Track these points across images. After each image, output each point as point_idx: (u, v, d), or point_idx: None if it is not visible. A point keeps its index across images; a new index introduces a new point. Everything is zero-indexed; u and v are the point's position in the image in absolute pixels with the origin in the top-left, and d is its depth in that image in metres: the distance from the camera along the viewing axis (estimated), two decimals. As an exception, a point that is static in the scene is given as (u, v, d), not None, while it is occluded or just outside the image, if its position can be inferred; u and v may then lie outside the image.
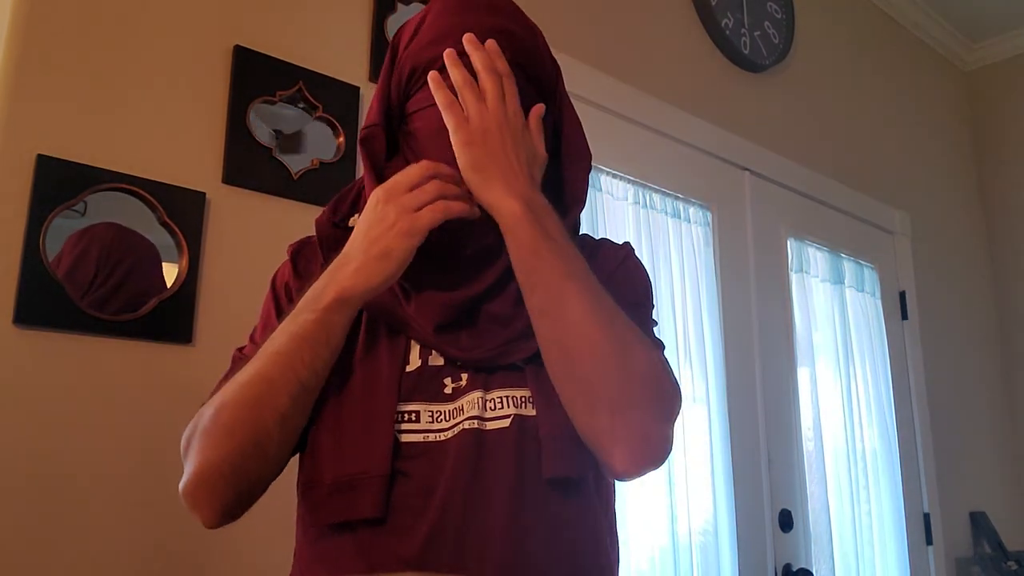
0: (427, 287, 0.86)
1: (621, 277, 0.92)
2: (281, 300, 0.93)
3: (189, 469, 0.81)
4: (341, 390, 0.84)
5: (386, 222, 0.80)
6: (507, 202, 0.81)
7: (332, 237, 0.92)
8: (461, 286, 0.86)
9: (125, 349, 1.32)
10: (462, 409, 0.82)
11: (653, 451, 0.79)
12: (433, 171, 0.82)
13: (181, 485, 0.82)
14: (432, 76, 0.85)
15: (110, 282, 1.31)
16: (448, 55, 0.85)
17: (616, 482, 0.90)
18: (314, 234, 0.94)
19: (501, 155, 0.82)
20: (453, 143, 0.83)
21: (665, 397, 0.80)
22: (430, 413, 0.83)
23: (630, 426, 0.78)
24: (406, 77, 0.89)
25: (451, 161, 0.84)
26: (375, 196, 0.82)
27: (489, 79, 0.84)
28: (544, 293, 0.80)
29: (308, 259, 0.94)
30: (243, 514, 0.85)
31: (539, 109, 0.88)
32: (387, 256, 0.80)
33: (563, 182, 0.92)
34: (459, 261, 0.87)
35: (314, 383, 0.81)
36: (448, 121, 0.84)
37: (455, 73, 0.84)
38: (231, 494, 0.80)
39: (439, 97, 0.84)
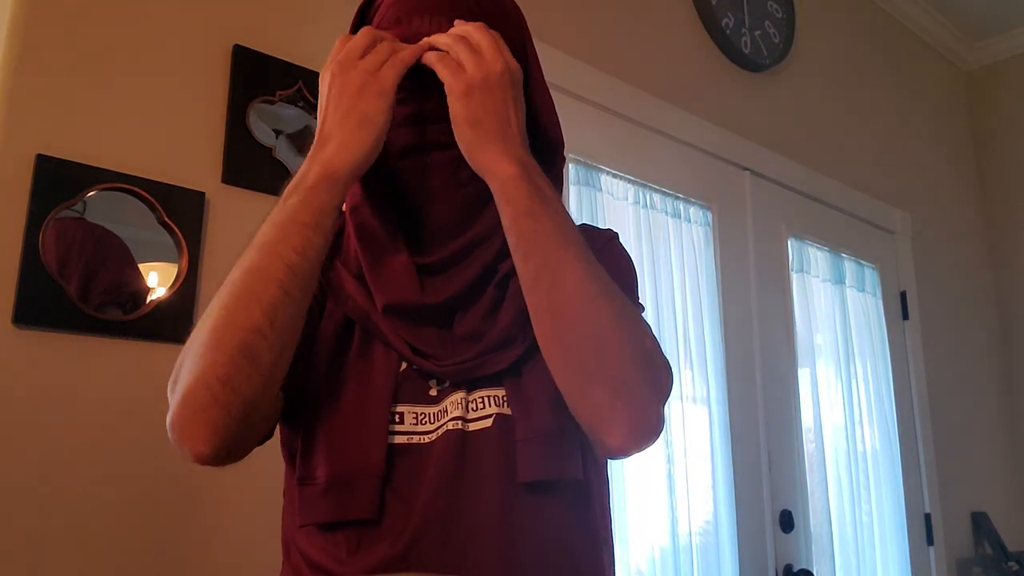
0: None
1: (604, 260, 0.88)
2: None
3: (175, 396, 0.73)
4: (336, 389, 0.83)
5: (352, 89, 0.77)
6: (503, 165, 0.77)
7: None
8: (427, 291, 0.84)
9: (125, 349, 1.32)
10: (446, 411, 0.82)
11: (650, 427, 0.76)
12: (375, 34, 0.79)
13: (168, 417, 0.72)
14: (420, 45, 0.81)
15: (74, 280, 1.29)
16: (432, 35, 0.80)
17: (608, 468, 0.89)
18: None
19: (501, 108, 0.78)
20: (448, 95, 0.78)
21: (660, 373, 0.78)
22: (414, 415, 0.82)
23: (628, 402, 0.75)
24: None
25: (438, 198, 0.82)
26: (329, 72, 0.79)
27: (482, 34, 0.79)
28: (540, 259, 0.76)
29: None
30: (238, 452, 0.76)
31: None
32: (366, 121, 0.77)
33: None
34: (424, 267, 0.85)
35: (306, 271, 0.75)
36: (442, 74, 0.78)
37: (442, 37, 0.79)
38: (223, 417, 0.71)
39: (428, 57, 0.79)
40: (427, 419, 0.82)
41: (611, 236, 0.95)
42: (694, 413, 2.24)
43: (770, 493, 2.39)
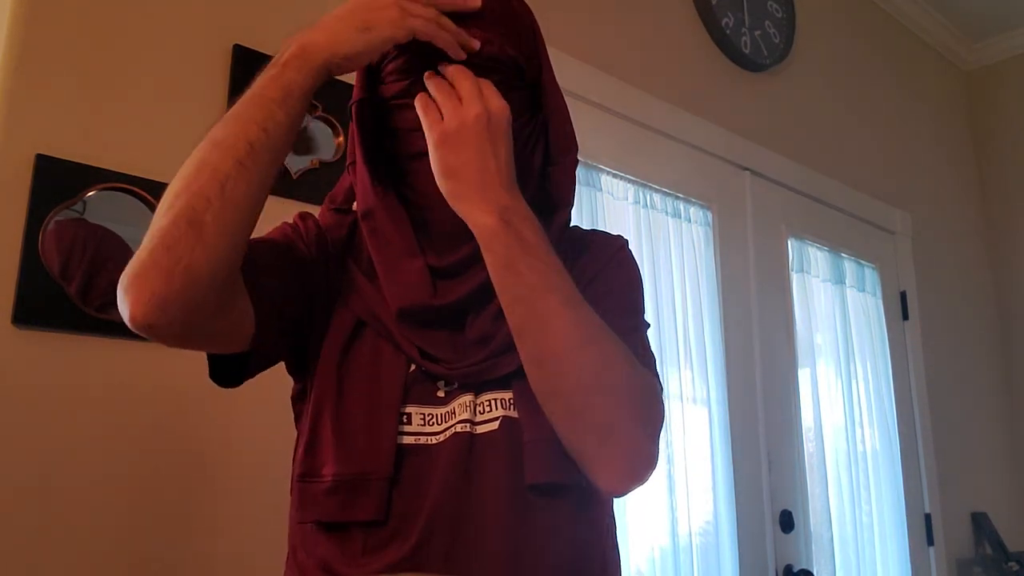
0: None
1: (612, 272, 0.89)
2: (297, 230, 0.89)
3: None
4: (345, 388, 0.83)
5: (378, 4, 0.77)
6: (480, 216, 0.77)
7: (336, 222, 0.90)
8: (439, 293, 0.84)
9: (125, 349, 1.32)
10: (454, 412, 0.82)
11: (639, 471, 0.77)
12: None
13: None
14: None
15: (77, 280, 1.29)
16: (427, 75, 0.81)
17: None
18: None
19: (475, 155, 0.77)
20: (428, 146, 0.79)
21: (650, 417, 0.79)
22: (422, 416, 0.82)
23: (615, 448, 0.76)
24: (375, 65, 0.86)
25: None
26: None
27: (464, 78, 0.79)
28: (523, 310, 0.76)
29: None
30: (181, 334, 0.73)
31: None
32: (366, 29, 0.76)
33: (548, 182, 0.88)
34: (437, 270, 0.85)
35: (264, 144, 0.73)
36: (423, 124, 0.79)
37: (430, 84, 0.80)
38: (162, 282, 0.69)
39: (417, 102, 0.80)
40: (435, 420, 0.82)
41: (621, 245, 0.94)
42: (694, 413, 2.24)
43: (770, 493, 2.39)
